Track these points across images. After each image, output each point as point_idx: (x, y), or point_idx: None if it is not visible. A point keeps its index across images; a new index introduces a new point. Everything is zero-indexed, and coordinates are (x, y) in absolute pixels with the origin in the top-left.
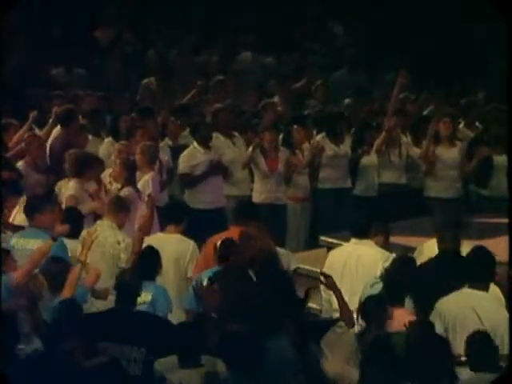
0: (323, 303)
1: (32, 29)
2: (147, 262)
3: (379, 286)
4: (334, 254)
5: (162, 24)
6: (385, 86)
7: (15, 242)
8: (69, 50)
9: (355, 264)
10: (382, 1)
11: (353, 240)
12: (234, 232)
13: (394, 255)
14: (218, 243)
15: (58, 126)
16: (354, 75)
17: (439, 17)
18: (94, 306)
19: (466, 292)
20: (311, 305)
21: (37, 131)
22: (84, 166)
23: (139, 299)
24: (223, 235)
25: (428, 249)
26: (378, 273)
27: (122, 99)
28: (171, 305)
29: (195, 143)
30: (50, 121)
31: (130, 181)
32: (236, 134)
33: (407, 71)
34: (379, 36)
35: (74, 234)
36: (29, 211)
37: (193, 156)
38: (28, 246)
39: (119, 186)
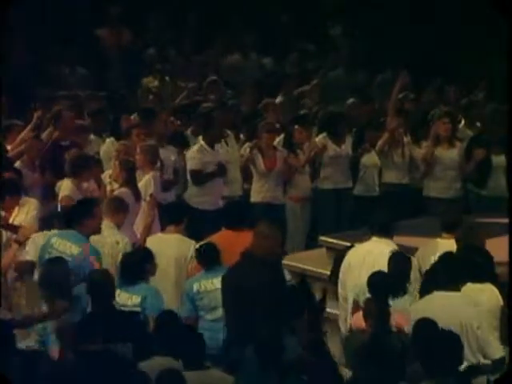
0: None
1: (32, 28)
2: (138, 263)
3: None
4: (352, 253)
5: (162, 23)
6: (385, 85)
7: (55, 240)
8: (70, 50)
9: (373, 263)
10: (382, 1)
11: (373, 238)
12: (226, 235)
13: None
14: (197, 247)
15: None
16: (353, 75)
17: (439, 17)
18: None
19: (437, 295)
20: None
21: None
22: (80, 167)
23: (129, 301)
24: (216, 237)
25: (432, 249)
26: None
27: (124, 99)
28: (162, 305)
29: (202, 142)
30: (53, 121)
31: (129, 181)
32: (229, 132)
33: (407, 71)
34: (379, 36)
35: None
36: (78, 215)
37: (203, 153)
38: (66, 250)
39: (118, 186)
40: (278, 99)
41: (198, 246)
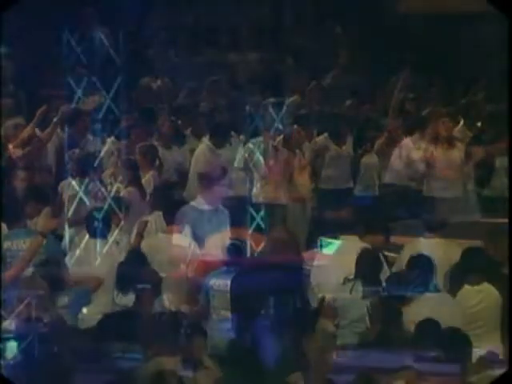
0: None
1: (32, 29)
2: (134, 268)
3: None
4: None
5: (162, 23)
6: (385, 86)
7: (7, 245)
8: (69, 50)
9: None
10: (382, 1)
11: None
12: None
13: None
14: (227, 245)
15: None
16: (354, 75)
17: (439, 17)
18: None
19: (428, 296)
20: None
21: (37, 131)
22: (88, 166)
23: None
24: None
25: (410, 249)
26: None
27: (124, 99)
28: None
29: (209, 143)
30: (55, 120)
31: (134, 180)
32: (233, 133)
33: (408, 71)
34: (379, 36)
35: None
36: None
37: (209, 156)
38: (22, 247)
39: (121, 186)
40: (286, 99)
41: (228, 242)
